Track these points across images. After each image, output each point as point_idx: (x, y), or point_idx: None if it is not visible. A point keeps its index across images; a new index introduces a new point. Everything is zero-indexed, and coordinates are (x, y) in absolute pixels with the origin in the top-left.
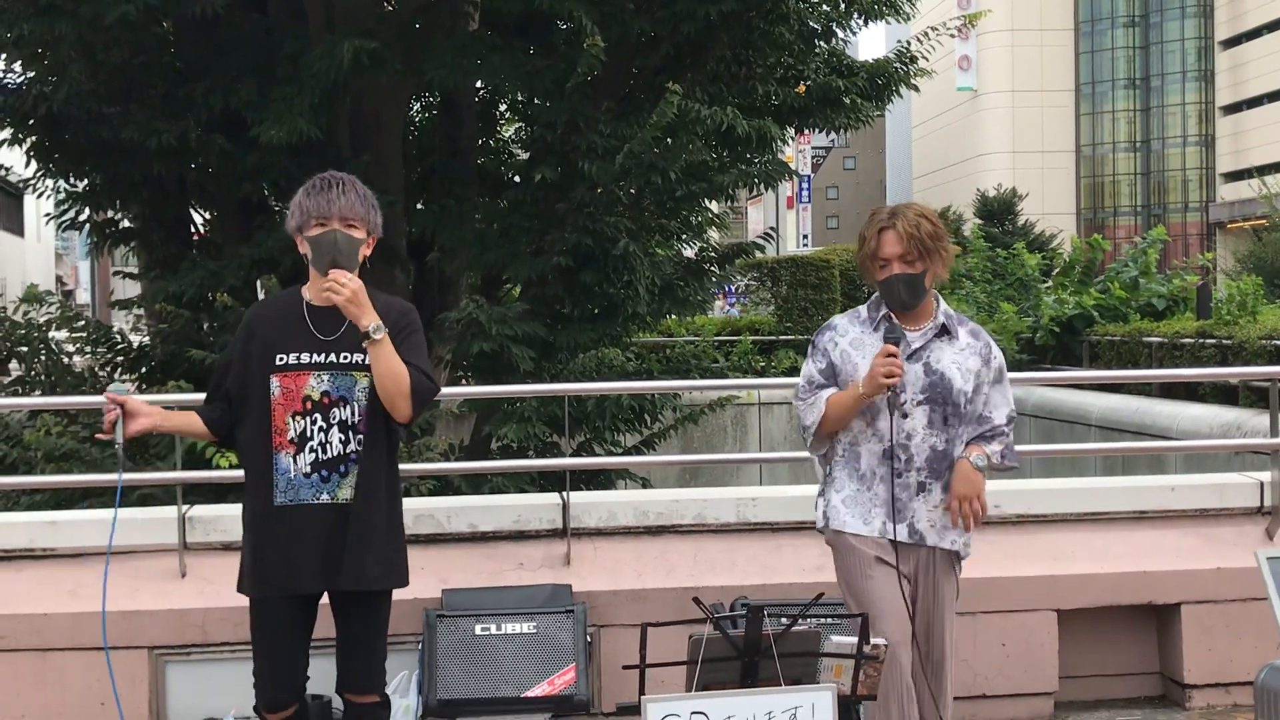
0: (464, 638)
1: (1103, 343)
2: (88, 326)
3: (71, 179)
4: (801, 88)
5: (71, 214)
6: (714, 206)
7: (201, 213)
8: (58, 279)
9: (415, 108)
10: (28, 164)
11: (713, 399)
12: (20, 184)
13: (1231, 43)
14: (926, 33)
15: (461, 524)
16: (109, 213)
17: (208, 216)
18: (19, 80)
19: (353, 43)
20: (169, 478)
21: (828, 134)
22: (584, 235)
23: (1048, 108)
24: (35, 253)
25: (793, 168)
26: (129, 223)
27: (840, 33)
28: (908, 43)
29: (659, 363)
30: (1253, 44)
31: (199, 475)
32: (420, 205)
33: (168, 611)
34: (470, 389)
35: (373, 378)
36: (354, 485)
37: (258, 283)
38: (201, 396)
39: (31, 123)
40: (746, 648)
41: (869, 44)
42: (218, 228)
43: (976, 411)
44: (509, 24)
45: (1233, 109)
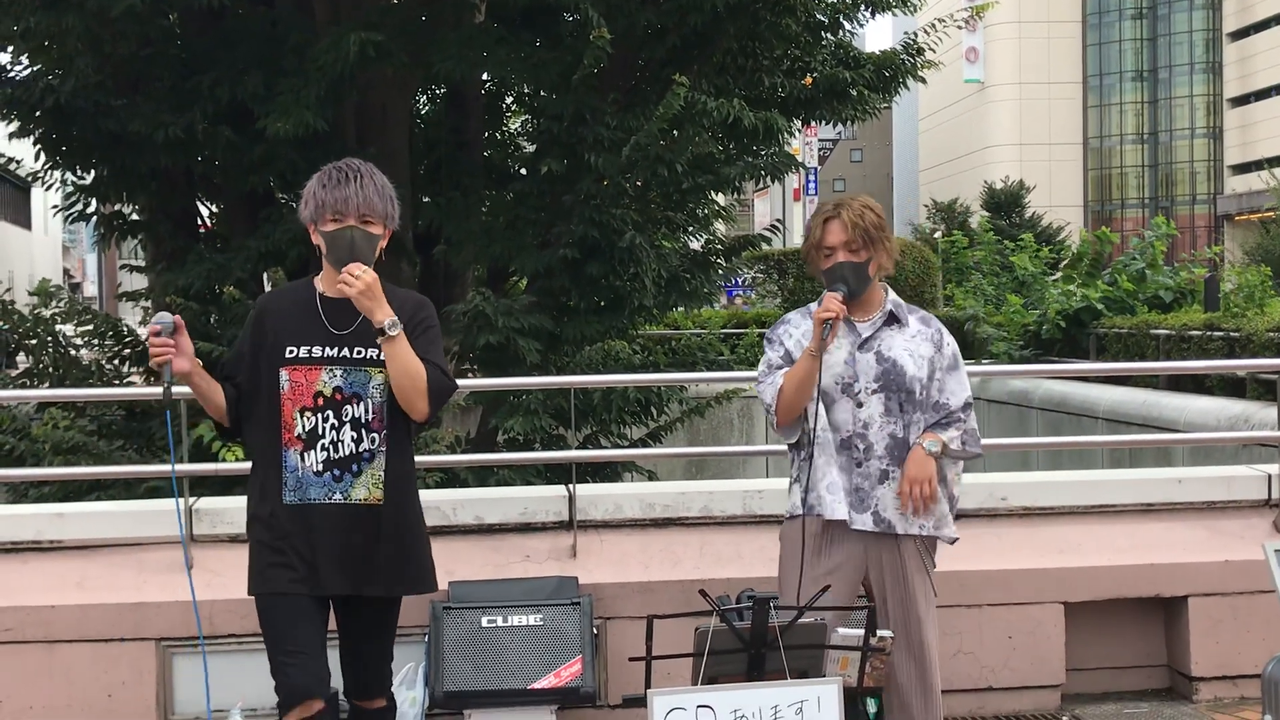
0: (470, 630)
1: (1110, 335)
2: (95, 319)
3: (78, 171)
4: (808, 80)
5: (79, 206)
6: (720, 199)
7: (208, 205)
8: (65, 272)
9: (421, 100)
10: (37, 157)
11: (719, 391)
12: (28, 177)
13: (1240, 35)
14: (933, 24)
15: (468, 516)
16: (116, 205)
17: (214, 209)
18: (26, 72)
19: (359, 35)
20: (177, 469)
21: (834, 126)
22: (590, 227)
23: (1055, 100)
24: (42, 245)
25: (799, 160)
26: (136, 215)
27: (847, 25)
28: (914, 34)
29: (665, 355)
30: (1261, 36)
31: (206, 468)
32: (426, 198)
33: (175, 603)
34: (476, 381)
35: (388, 376)
36: (381, 486)
37: (264, 275)
38: None
39: (39, 115)
40: (753, 640)
41: (876, 36)
42: (224, 220)
43: (932, 399)
44: (515, 16)
45: (1241, 101)
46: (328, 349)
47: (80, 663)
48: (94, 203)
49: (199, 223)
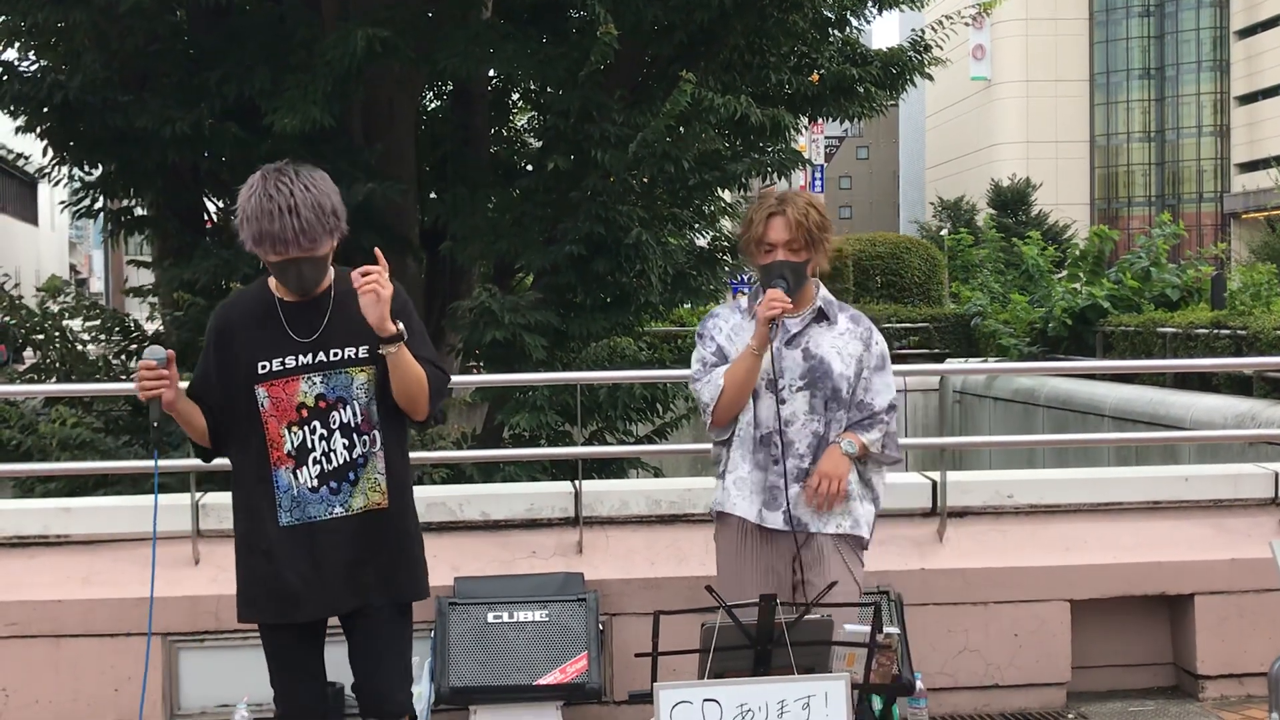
0: (476, 625)
1: (1116, 333)
2: (102, 314)
3: (86, 167)
4: (815, 76)
5: (86, 202)
6: (727, 195)
7: (215, 201)
8: (71, 268)
9: (428, 96)
10: (44, 152)
11: None
12: (36, 173)
13: (1247, 33)
14: (941, 21)
15: (474, 512)
16: (123, 201)
17: (221, 204)
18: (34, 68)
19: (366, 31)
20: (184, 465)
21: (841, 123)
22: (596, 224)
23: (1062, 97)
24: (49, 241)
25: (806, 157)
26: (143, 211)
27: (854, 21)
28: (922, 31)
29: (671, 352)
30: (1268, 34)
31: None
32: (433, 194)
33: (181, 598)
34: (483, 377)
35: (372, 373)
36: (381, 489)
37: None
38: None
39: (46, 111)
40: (759, 636)
41: (883, 33)
42: (231, 216)
43: (857, 397)
44: (522, 12)
45: (1248, 99)
46: (301, 356)
47: (86, 657)
48: (101, 198)
49: (205, 218)
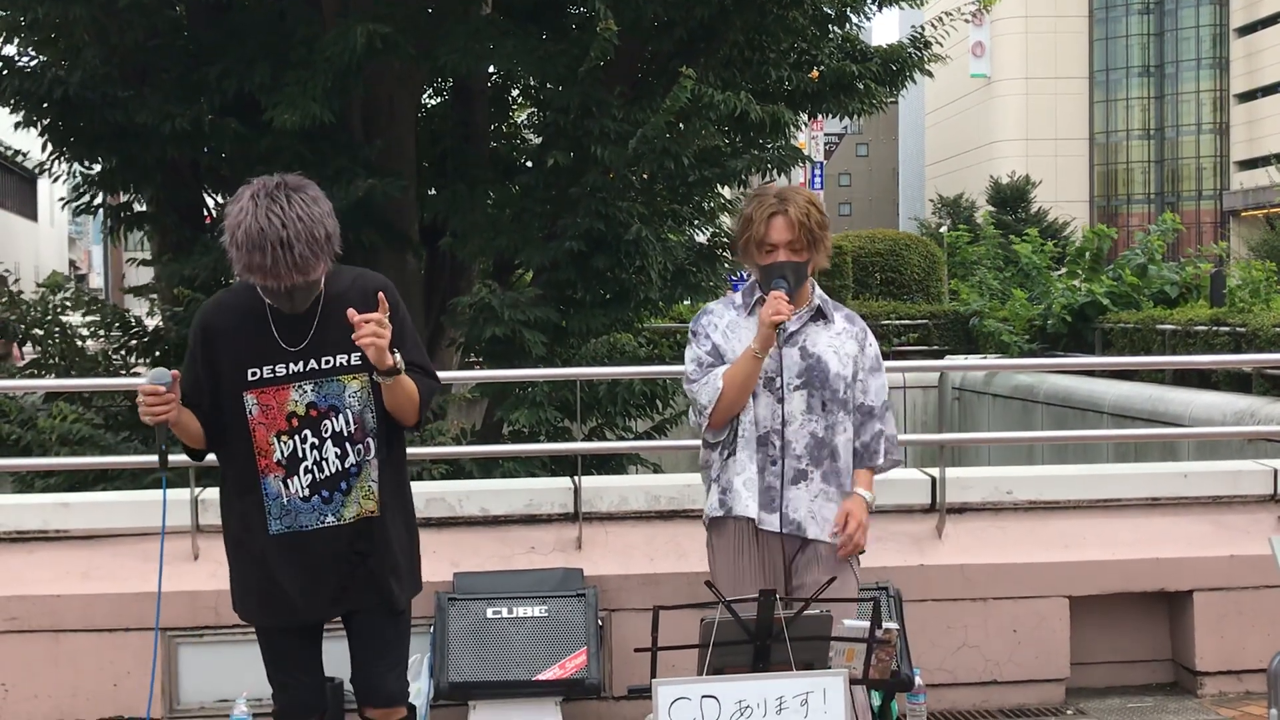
0: (475, 621)
1: (1115, 330)
2: (102, 310)
3: (85, 162)
4: (815, 73)
5: (86, 198)
6: (726, 192)
7: (214, 196)
8: (70, 263)
9: (428, 92)
10: (44, 148)
11: None
12: (36, 168)
13: (1247, 30)
14: (940, 18)
15: (473, 507)
16: (123, 196)
17: (220, 200)
18: (34, 64)
19: (366, 27)
20: (181, 460)
21: (841, 120)
22: (596, 220)
23: (1061, 95)
24: (48, 237)
25: (805, 154)
26: (142, 206)
27: (854, 18)
28: (921, 28)
29: (671, 348)
30: (1268, 31)
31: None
32: (432, 190)
33: (180, 593)
34: (482, 373)
35: (365, 380)
36: (374, 497)
37: None
38: None
39: (46, 106)
40: (758, 632)
41: (883, 30)
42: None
43: (857, 399)
44: (522, 8)
45: (1247, 97)
46: (292, 364)
47: (86, 652)
48: (101, 194)
49: (205, 214)
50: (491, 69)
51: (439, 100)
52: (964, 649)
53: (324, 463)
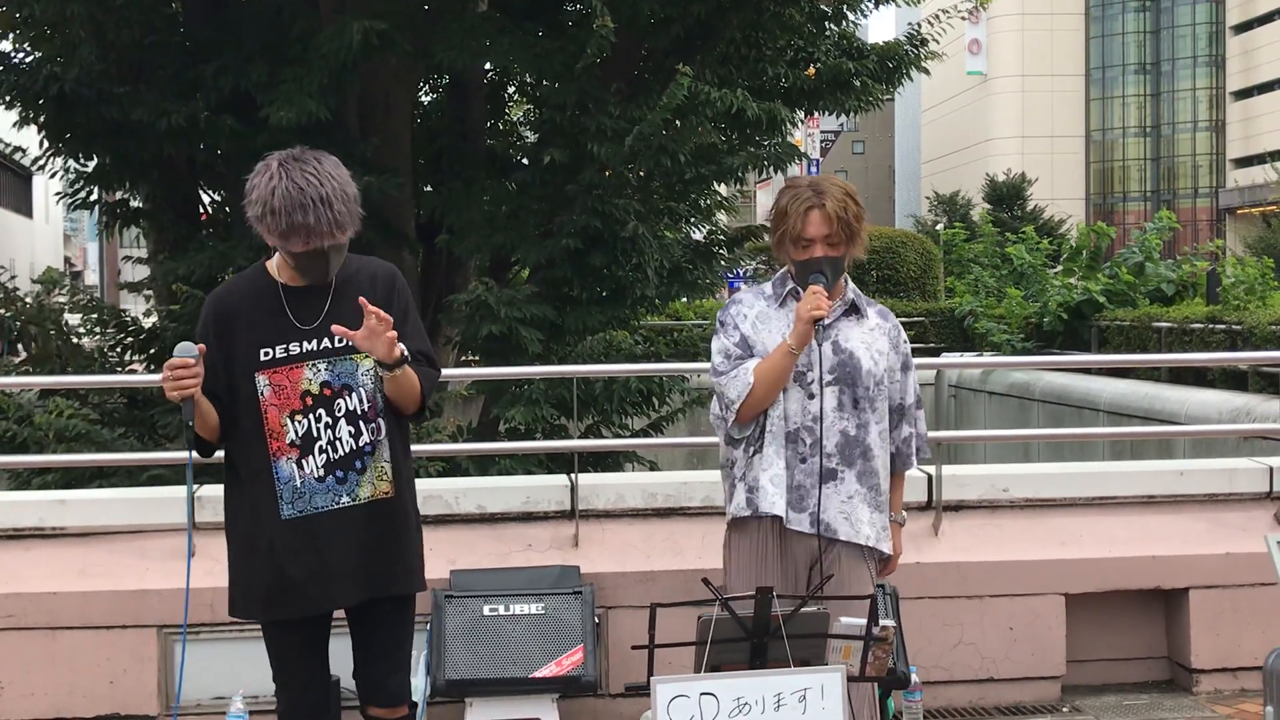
0: (472, 618)
1: (1111, 328)
2: (99, 308)
3: (81, 159)
4: (811, 70)
5: (82, 194)
6: (723, 189)
7: (211, 193)
8: (66, 260)
9: (424, 90)
10: (40, 144)
11: None
12: (32, 165)
13: (1243, 28)
14: (937, 16)
15: (470, 505)
16: (118, 193)
17: (217, 197)
18: (30, 60)
19: (362, 24)
20: (179, 457)
21: (837, 117)
22: (593, 217)
23: (1057, 92)
24: (44, 234)
25: (802, 151)
26: (138, 203)
27: (850, 15)
28: (918, 26)
29: (667, 346)
30: (1264, 29)
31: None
32: (429, 187)
33: (176, 591)
34: (478, 370)
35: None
36: (388, 477)
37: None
38: None
39: (42, 102)
40: (756, 629)
41: (879, 27)
42: (227, 208)
43: (894, 400)
44: (518, 5)
45: (1244, 94)
46: (305, 343)
47: (82, 649)
48: (97, 191)
49: (201, 211)
50: (488, 66)
51: (435, 97)
52: (960, 646)
53: (338, 442)
